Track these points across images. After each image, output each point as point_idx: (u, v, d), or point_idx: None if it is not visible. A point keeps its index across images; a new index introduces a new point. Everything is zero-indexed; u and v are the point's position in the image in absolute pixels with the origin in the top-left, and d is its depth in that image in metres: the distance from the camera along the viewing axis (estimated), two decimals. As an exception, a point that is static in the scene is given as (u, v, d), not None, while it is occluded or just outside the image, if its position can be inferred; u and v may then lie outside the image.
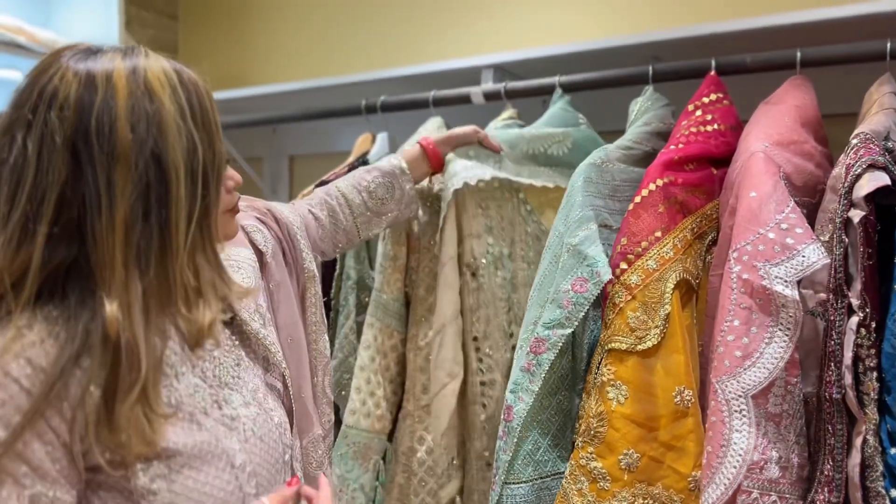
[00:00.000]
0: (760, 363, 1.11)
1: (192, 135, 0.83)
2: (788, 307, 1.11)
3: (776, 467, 1.12)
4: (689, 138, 1.36)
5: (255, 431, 0.93)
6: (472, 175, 1.50)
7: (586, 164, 1.41)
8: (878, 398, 1.10)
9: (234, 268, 1.07)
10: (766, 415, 1.12)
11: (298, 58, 2.48)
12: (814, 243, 1.11)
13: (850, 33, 1.43)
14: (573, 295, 1.27)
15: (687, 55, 1.57)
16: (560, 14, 1.99)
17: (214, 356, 0.94)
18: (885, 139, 1.21)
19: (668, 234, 1.29)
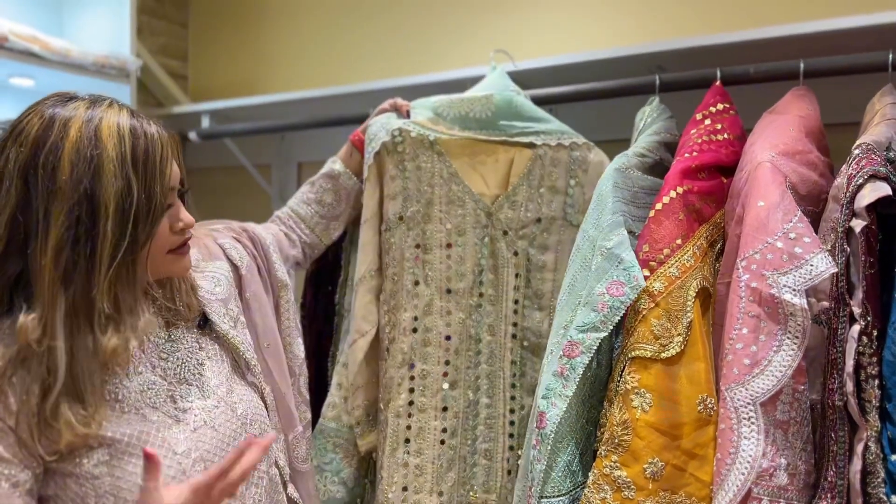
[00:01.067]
0: (769, 371, 1.12)
1: (130, 179, 0.93)
2: (797, 316, 1.12)
3: (785, 474, 1.13)
4: (702, 146, 1.37)
5: (206, 422, 1.04)
6: (387, 129, 1.56)
7: (613, 168, 1.41)
8: (879, 405, 1.12)
9: (211, 280, 1.20)
10: (774, 422, 1.14)
11: (307, 66, 2.51)
12: (821, 252, 1.13)
13: (852, 44, 1.46)
14: (609, 298, 1.26)
15: (690, 65, 1.59)
16: (565, 24, 2.01)
17: (178, 356, 1.07)
18: (886, 149, 1.22)
19: (688, 242, 1.30)
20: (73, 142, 0.92)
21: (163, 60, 2.65)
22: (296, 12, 2.54)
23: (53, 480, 0.95)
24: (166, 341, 1.08)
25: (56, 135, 0.92)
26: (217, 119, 2.42)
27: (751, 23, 1.72)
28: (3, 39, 1.86)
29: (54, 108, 0.95)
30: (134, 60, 2.17)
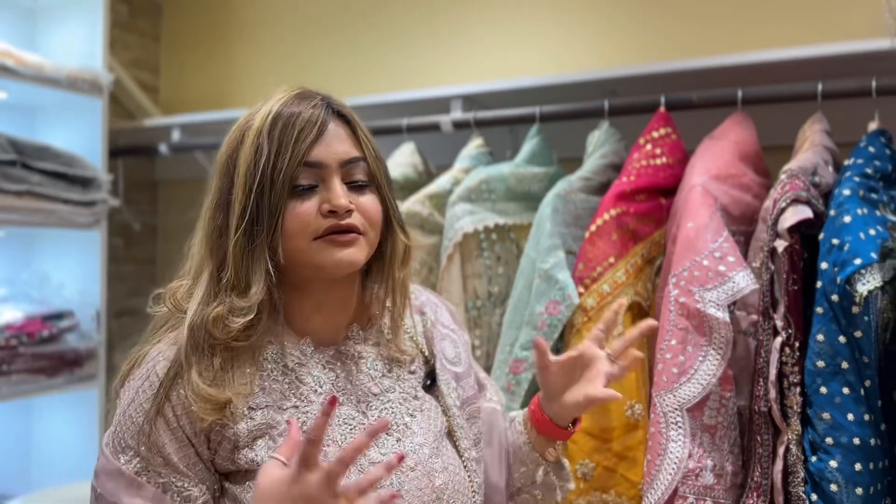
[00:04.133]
0: (695, 379, 1.22)
1: (260, 147, 0.89)
2: (720, 329, 1.22)
3: (711, 475, 1.22)
4: (639, 171, 1.47)
5: (394, 483, 0.90)
6: (476, 220, 1.58)
7: (553, 194, 1.52)
8: (801, 411, 1.21)
9: (452, 345, 1.06)
10: (701, 426, 1.23)
11: (275, 82, 2.55)
12: (743, 270, 1.22)
13: (787, 74, 1.56)
14: (548, 317, 1.37)
15: (641, 91, 1.69)
16: (525, 49, 2.10)
17: (389, 398, 0.96)
18: (812, 174, 1.32)
19: (621, 260, 1.39)
20: (238, 126, 0.95)
21: (135, 73, 2.69)
22: (266, 29, 2.60)
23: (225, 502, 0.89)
24: (384, 376, 0.98)
25: (235, 126, 0.96)
26: (188, 132, 2.46)
27: (701, 51, 1.82)
28: (-22, 54, 1.90)
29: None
30: (106, 75, 2.22)
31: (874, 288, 1.20)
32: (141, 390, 0.89)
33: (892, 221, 1.29)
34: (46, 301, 2.12)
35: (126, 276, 2.56)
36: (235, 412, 0.88)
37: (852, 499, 1.17)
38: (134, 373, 0.92)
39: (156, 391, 0.88)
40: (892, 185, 1.37)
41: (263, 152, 0.89)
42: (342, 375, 0.96)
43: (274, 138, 0.89)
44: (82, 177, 2.10)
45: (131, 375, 0.92)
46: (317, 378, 0.94)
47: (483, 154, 1.79)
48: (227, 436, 0.88)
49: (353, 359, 0.97)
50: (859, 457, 1.18)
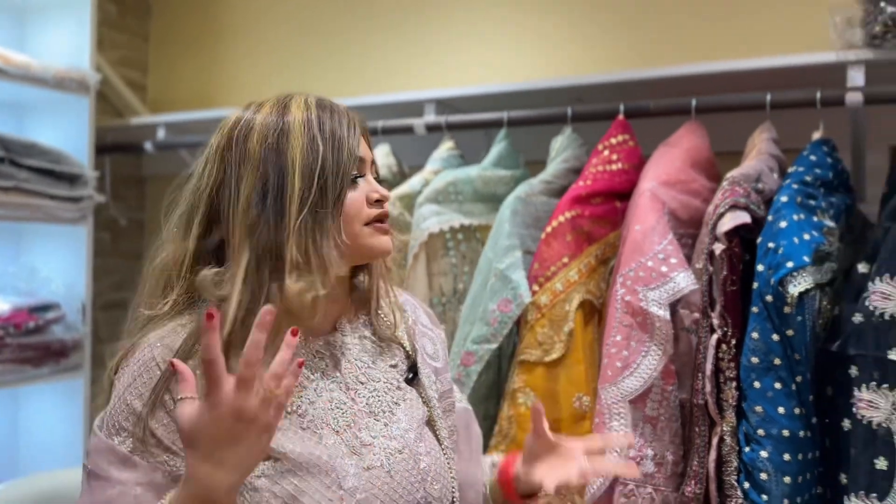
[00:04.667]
0: (638, 373, 1.29)
1: (315, 139, 0.94)
2: (662, 326, 1.30)
3: (651, 463, 1.30)
4: (595, 176, 1.54)
5: (383, 464, 0.95)
6: (442, 220, 1.66)
7: (514, 197, 1.60)
8: (736, 405, 1.29)
9: (431, 343, 1.13)
10: (643, 417, 1.31)
11: (261, 83, 2.64)
12: (685, 271, 1.30)
13: (741, 84, 1.64)
14: (499, 314, 1.45)
15: (605, 98, 1.76)
16: (497, 56, 2.18)
17: (375, 387, 1.01)
18: (755, 181, 1.40)
19: (574, 260, 1.47)
20: (265, 114, 0.96)
21: (123, 71, 2.76)
22: (251, 32, 2.67)
23: None
24: (369, 367, 1.03)
25: (249, 114, 0.97)
26: (173, 130, 2.53)
27: (662, 62, 1.89)
28: (-33, 54, 1.96)
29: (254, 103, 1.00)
30: (93, 74, 2.28)
31: (805, 290, 1.28)
32: (137, 375, 0.92)
33: (828, 227, 1.37)
34: (33, 293, 2.19)
35: (113, 269, 2.63)
36: None
37: (781, 487, 1.25)
38: (129, 358, 0.95)
39: (156, 379, 0.91)
40: (832, 192, 1.45)
41: (320, 146, 0.95)
42: (331, 364, 1.01)
43: (327, 133, 0.96)
44: (69, 173, 2.17)
45: (126, 361, 0.95)
46: (309, 364, 0.99)
47: (453, 156, 1.87)
48: None
49: (340, 349, 1.02)
50: (788, 447, 1.25)
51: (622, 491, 1.29)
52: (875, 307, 1.25)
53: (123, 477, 0.89)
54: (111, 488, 0.89)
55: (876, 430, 1.24)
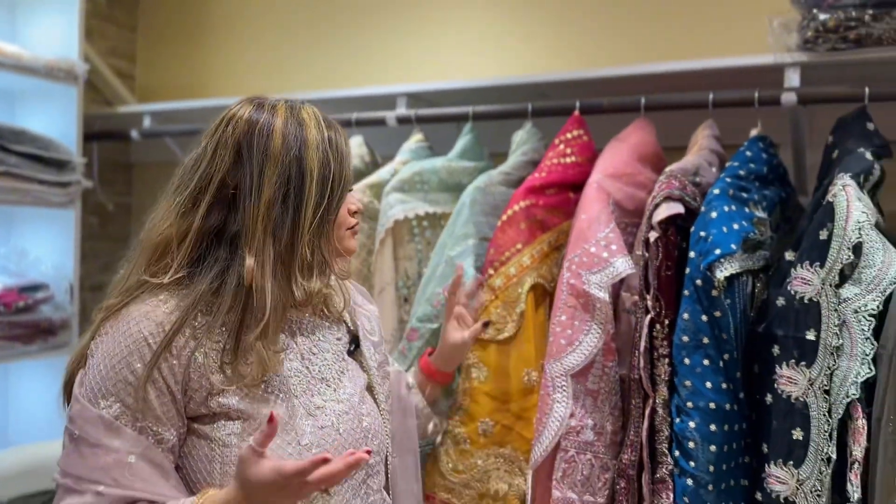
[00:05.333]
0: (580, 350, 1.42)
1: (328, 153, 1.09)
2: (602, 307, 1.41)
3: (591, 432, 1.42)
4: (550, 168, 1.65)
5: (333, 423, 1.09)
6: (407, 208, 1.77)
7: (473, 187, 1.71)
8: (668, 380, 1.41)
9: (367, 320, 1.29)
10: (585, 390, 1.43)
11: (245, 74, 2.74)
12: (623, 257, 1.42)
13: (689, 83, 1.75)
14: (443, 298, 1.58)
15: (567, 95, 1.87)
16: (467, 53, 2.29)
17: (325, 357, 1.15)
18: (693, 174, 1.51)
19: (528, 247, 1.58)
20: (282, 120, 1.08)
21: (112, 62, 2.85)
22: (236, 25, 2.76)
23: (189, 440, 1.04)
24: (319, 340, 1.16)
25: (266, 115, 1.08)
26: (160, 119, 2.63)
27: (623, 61, 2.01)
28: (-41, 44, 2.06)
29: (258, 101, 1.12)
30: (81, 64, 2.37)
31: (735, 275, 1.40)
32: (125, 347, 1.01)
33: (759, 217, 1.48)
34: (23, 274, 2.29)
35: (100, 252, 2.73)
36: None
37: (707, 455, 1.36)
38: (112, 327, 1.04)
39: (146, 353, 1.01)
40: (766, 186, 1.56)
41: (331, 160, 1.10)
42: (289, 337, 1.14)
43: (335, 149, 1.11)
44: (58, 159, 2.27)
45: (106, 329, 1.05)
46: None
47: (422, 148, 1.97)
48: (203, 385, 1.04)
49: (297, 324, 1.16)
50: (714, 419, 1.37)
51: (563, 457, 1.41)
52: (796, 291, 1.37)
53: (115, 445, 0.99)
54: (105, 455, 0.99)
55: (794, 403, 1.35)
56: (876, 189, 1.54)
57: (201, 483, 1.04)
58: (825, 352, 1.33)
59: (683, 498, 1.36)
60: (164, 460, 1.02)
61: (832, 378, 1.32)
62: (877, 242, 1.32)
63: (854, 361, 1.30)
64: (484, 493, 1.53)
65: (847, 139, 1.51)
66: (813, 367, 1.33)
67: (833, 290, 1.33)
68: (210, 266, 1.06)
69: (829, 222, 1.35)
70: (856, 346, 1.30)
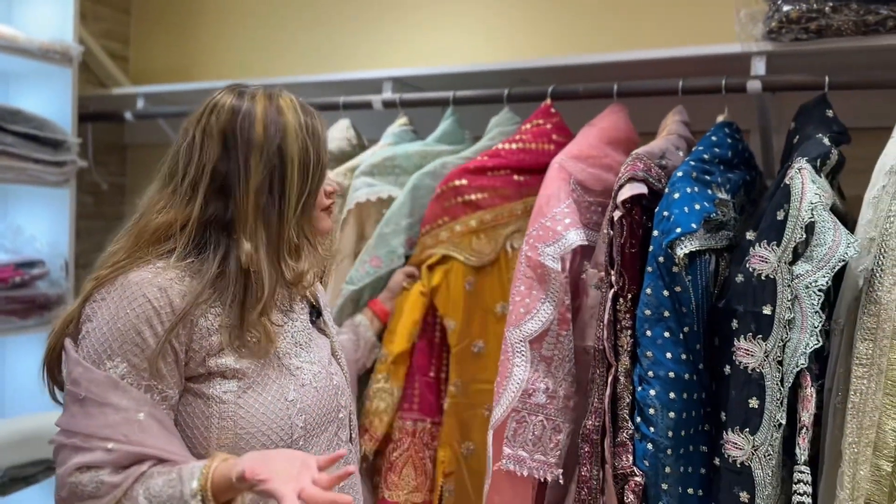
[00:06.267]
0: (537, 318, 1.52)
1: (306, 141, 1.16)
2: (556, 277, 1.51)
3: (543, 395, 1.52)
4: (494, 153, 1.78)
5: (311, 382, 1.20)
6: (371, 192, 1.87)
7: (421, 172, 1.87)
8: (631, 350, 1.49)
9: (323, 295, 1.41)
10: (539, 357, 1.53)
11: (237, 57, 2.80)
12: (575, 230, 1.53)
13: (665, 71, 1.82)
14: (368, 267, 1.78)
15: (548, 80, 1.93)
16: (451, 38, 2.37)
17: (297, 326, 1.25)
18: (660, 157, 1.59)
19: (452, 222, 1.72)
20: (262, 109, 1.14)
21: (105, 44, 2.91)
22: (229, 7, 2.83)
23: (185, 398, 1.12)
24: (289, 311, 1.25)
25: (248, 104, 1.14)
26: (153, 101, 2.69)
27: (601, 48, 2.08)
28: (-43, 26, 2.11)
29: (238, 89, 1.18)
30: (76, 46, 2.43)
31: (695, 252, 1.48)
32: (129, 309, 1.07)
33: (721, 199, 1.56)
34: (19, 251, 2.35)
35: (96, 230, 2.79)
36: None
37: (665, 421, 1.45)
38: (111, 292, 1.09)
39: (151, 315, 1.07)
40: (731, 169, 1.64)
41: (309, 146, 1.17)
42: None
43: (313, 135, 1.19)
44: (53, 139, 2.33)
45: (102, 295, 1.09)
46: None
47: (405, 132, 2.04)
48: (203, 346, 1.11)
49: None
50: (674, 387, 1.45)
51: (514, 417, 1.53)
52: (754, 269, 1.44)
53: (124, 403, 1.05)
54: (115, 413, 1.04)
55: (751, 374, 1.43)
56: (836, 173, 1.62)
57: (198, 438, 1.12)
58: (779, 325, 1.40)
59: (644, 461, 1.44)
60: (167, 418, 1.09)
61: (784, 349, 1.39)
62: (828, 222, 1.39)
63: (804, 333, 1.38)
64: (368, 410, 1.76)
65: (807, 125, 1.59)
66: (769, 339, 1.41)
67: (787, 267, 1.41)
68: (214, 251, 1.14)
69: (786, 203, 1.43)
70: (806, 320, 1.38)
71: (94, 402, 1.04)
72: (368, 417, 1.76)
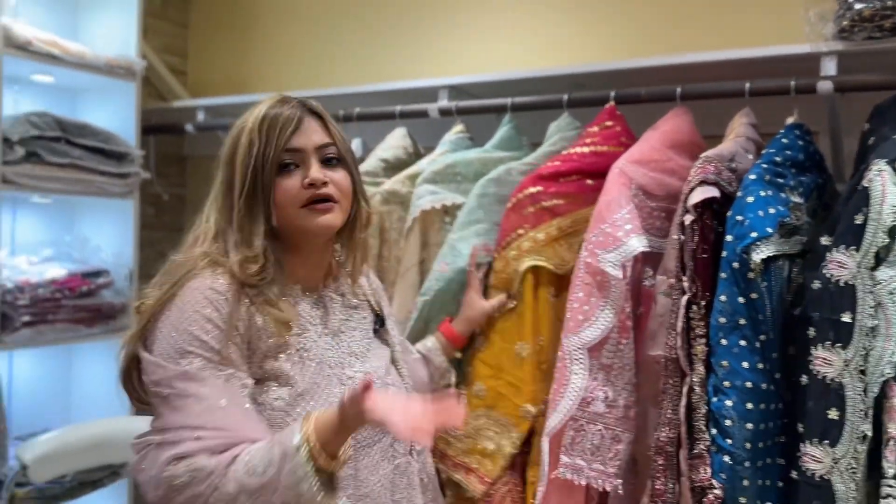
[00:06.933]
0: (596, 325, 1.49)
1: (253, 139, 1.16)
2: (616, 284, 1.48)
3: (602, 404, 1.50)
4: (565, 157, 1.73)
5: None
6: (435, 199, 1.85)
7: (487, 179, 1.82)
8: (705, 359, 1.45)
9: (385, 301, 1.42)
10: (598, 365, 1.50)
11: (292, 68, 2.83)
12: (637, 236, 1.49)
13: (729, 73, 1.78)
14: (436, 273, 1.73)
15: (605, 85, 1.91)
16: (508, 46, 2.36)
17: (354, 335, 1.27)
18: (729, 160, 1.55)
19: (531, 231, 1.67)
20: (235, 126, 1.22)
21: (165, 58, 2.97)
22: (285, 20, 2.86)
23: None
24: (347, 319, 1.27)
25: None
26: (212, 113, 2.73)
27: (655, 51, 2.05)
28: (28, 44, 2.17)
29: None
30: (139, 61, 2.49)
31: (771, 258, 1.44)
32: (196, 311, 1.10)
33: (794, 203, 1.51)
34: (86, 261, 2.42)
35: (157, 241, 2.85)
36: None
37: (743, 432, 1.41)
38: (178, 301, 1.13)
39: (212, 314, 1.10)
40: (803, 172, 1.59)
41: (255, 143, 1.17)
42: (323, 314, 1.25)
43: (263, 132, 1.17)
44: (117, 152, 2.39)
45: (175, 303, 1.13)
46: (309, 313, 1.23)
47: (462, 139, 2.04)
48: (264, 348, 1.14)
49: (329, 303, 1.27)
50: (751, 398, 1.41)
51: (572, 426, 1.50)
52: (831, 275, 1.40)
53: (204, 392, 1.07)
54: (197, 404, 1.06)
55: (829, 384, 1.38)
56: (914, 175, 1.57)
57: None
58: (860, 333, 1.35)
59: (721, 474, 1.41)
60: (250, 405, 1.11)
61: (868, 358, 1.35)
62: (912, 226, 1.34)
63: (889, 342, 1.33)
64: (472, 449, 1.65)
65: (883, 126, 1.53)
66: (848, 348, 1.36)
67: (868, 272, 1.36)
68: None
69: (865, 207, 1.38)
70: (891, 327, 1.33)
71: (177, 396, 1.07)
72: (474, 456, 1.66)
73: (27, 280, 2.20)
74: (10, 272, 2.20)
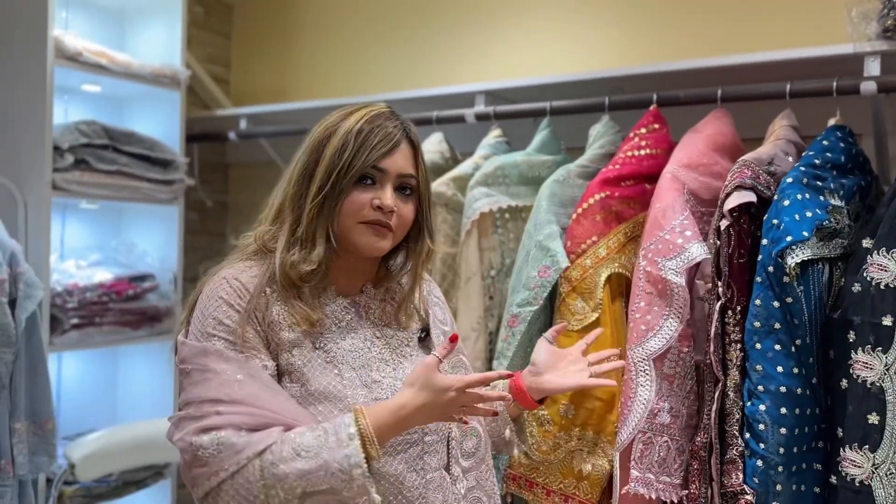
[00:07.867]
0: (660, 335, 1.46)
1: (347, 143, 1.16)
2: (679, 292, 1.45)
3: (667, 415, 1.46)
4: (625, 161, 1.70)
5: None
6: (492, 202, 1.84)
7: (551, 180, 1.78)
8: (741, 364, 1.43)
9: (441, 311, 1.35)
10: (661, 375, 1.47)
11: (333, 77, 2.87)
12: (698, 242, 1.45)
13: (767, 74, 1.76)
14: (538, 279, 1.64)
15: (643, 88, 1.90)
16: (543, 50, 2.35)
17: (393, 340, 1.25)
18: (768, 164, 1.53)
19: (604, 238, 1.63)
20: (336, 117, 1.20)
21: (208, 67, 3.03)
22: (325, 30, 2.90)
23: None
24: (385, 326, 1.25)
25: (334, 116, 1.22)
26: (254, 121, 2.79)
27: (693, 54, 2.03)
28: (78, 55, 2.25)
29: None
30: (183, 71, 2.55)
31: (808, 262, 1.42)
32: (219, 297, 1.13)
33: (833, 206, 1.49)
34: (132, 265, 2.49)
35: (200, 246, 2.92)
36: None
37: (777, 437, 1.39)
38: (207, 288, 1.16)
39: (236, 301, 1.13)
40: (843, 174, 1.56)
41: (348, 147, 1.17)
42: (355, 318, 1.24)
43: (359, 140, 1.18)
44: (163, 159, 2.45)
45: (204, 290, 1.17)
46: (337, 315, 1.22)
47: (500, 143, 2.05)
48: (277, 340, 1.15)
49: (364, 308, 1.26)
50: (785, 402, 1.39)
51: (640, 439, 1.46)
52: (872, 278, 1.37)
53: (221, 367, 1.10)
54: (215, 378, 1.09)
55: (870, 388, 1.36)
56: (960, 176, 1.53)
57: None
58: (902, 337, 1.33)
59: (753, 479, 1.39)
60: (271, 379, 1.12)
61: (909, 363, 1.32)
62: (955, 228, 1.31)
63: (932, 347, 1.30)
64: (567, 473, 1.59)
65: (928, 126, 1.50)
66: (889, 352, 1.34)
67: (910, 276, 1.33)
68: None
69: (907, 209, 1.35)
70: (933, 332, 1.30)
71: (197, 371, 1.11)
72: (570, 480, 1.60)
73: (76, 283, 2.27)
74: (60, 276, 2.27)
